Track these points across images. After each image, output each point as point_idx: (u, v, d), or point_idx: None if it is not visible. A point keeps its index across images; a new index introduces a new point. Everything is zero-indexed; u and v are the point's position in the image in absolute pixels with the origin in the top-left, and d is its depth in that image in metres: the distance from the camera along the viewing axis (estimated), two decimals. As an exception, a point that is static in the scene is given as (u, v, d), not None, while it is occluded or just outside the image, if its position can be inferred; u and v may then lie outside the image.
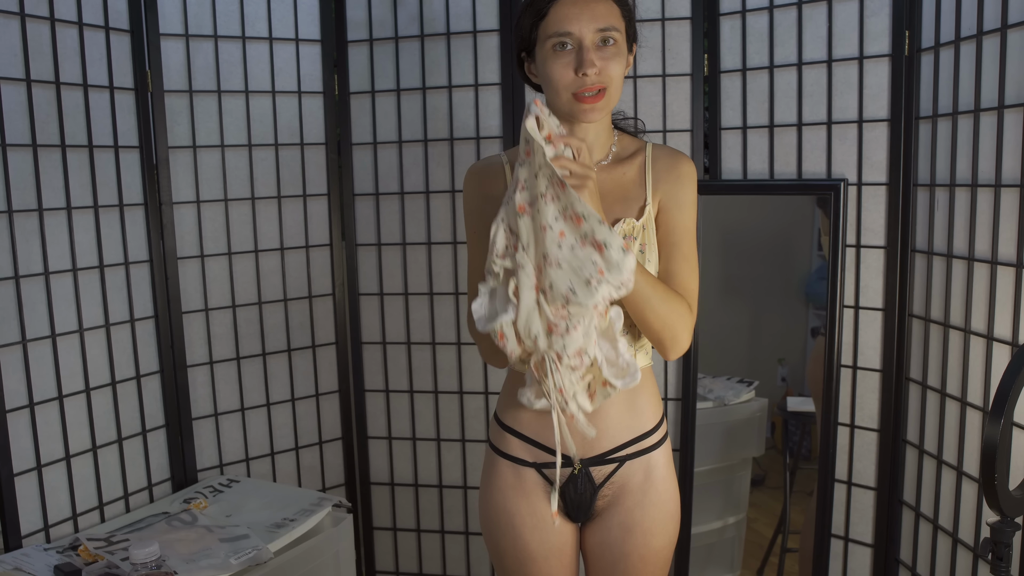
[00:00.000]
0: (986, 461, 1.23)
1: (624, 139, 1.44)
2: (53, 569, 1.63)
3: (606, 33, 1.28)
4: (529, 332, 1.22)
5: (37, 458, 1.78)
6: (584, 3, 1.28)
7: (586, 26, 1.27)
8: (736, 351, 2.27)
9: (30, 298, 1.76)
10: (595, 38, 1.28)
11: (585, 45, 1.27)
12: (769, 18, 1.94)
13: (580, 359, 1.22)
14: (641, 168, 1.39)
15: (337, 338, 2.32)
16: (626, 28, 1.33)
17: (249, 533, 1.78)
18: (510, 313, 1.21)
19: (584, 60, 1.27)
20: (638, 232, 1.35)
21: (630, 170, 1.39)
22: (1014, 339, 1.52)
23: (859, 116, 1.85)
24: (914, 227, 1.82)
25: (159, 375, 2.05)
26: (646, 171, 1.39)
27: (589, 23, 1.27)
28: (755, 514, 2.25)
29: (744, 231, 2.15)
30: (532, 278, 1.21)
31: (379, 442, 2.34)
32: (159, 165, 2.02)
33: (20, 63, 1.72)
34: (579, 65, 1.27)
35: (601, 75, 1.28)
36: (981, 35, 1.57)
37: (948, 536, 1.73)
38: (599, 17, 1.28)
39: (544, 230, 1.19)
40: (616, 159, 1.41)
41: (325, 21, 2.20)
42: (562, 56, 1.29)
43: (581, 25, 1.27)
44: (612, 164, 1.40)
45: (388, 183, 2.24)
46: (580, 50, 1.28)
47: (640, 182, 1.38)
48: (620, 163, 1.40)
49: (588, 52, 1.27)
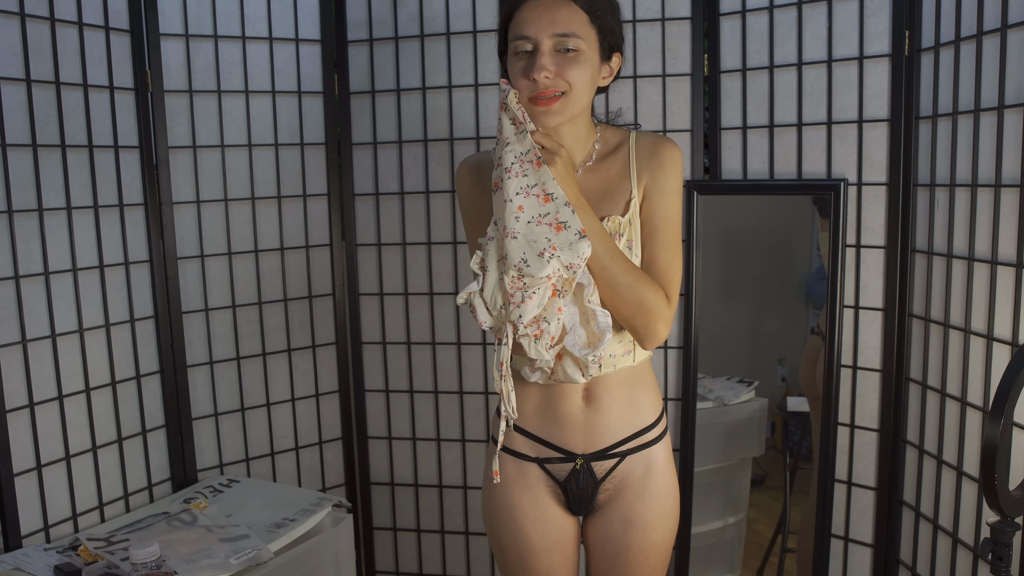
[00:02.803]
0: (986, 461, 1.23)
1: (607, 133, 1.43)
2: (53, 569, 1.63)
3: (565, 39, 1.28)
4: (496, 303, 1.28)
5: (37, 458, 1.78)
6: (545, 7, 1.28)
7: (544, 30, 1.27)
8: (736, 351, 2.27)
9: (30, 298, 1.76)
10: (552, 43, 1.28)
11: (541, 50, 1.28)
12: (769, 18, 1.94)
13: (538, 327, 1.26)
14: (626, 159, 1.39)
15: (337, 338, 2.32)
16: (598, 36, 1.32)
17: (249, 533, 1.78)
18: (475, 284, 1.28)
19: (536, 64, 1.27)
20: (624, 228, 1.36)
21: (615, 164, 1.40)
22: (1014, 339, 1.52)
23: (859, 116, 1.85)
24: (914, 227, 1.82)
25: (159, 375, 2.05)
26: (630, 161, 1.39)
27: (547, 28, 1.27)
28: (755, 514, 2.25)
29: (744, 231, 2.15)
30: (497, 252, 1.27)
31: (379, 442, 2.34)
32: (159, 165, 2.02)
33: (20, 63, 1.72)
34: (528, 68, 1.28)
35: (555, 79, 1.28)
36: (981, 35, 1.57)
37: (948, 536, 1.73)
38: (558, 22, 1.27)
39: (505, 203, 1.25)
40: (600, 156, 1.41)
41: (325, 21, 2.20)
42: (521, 60, 1.30)
43: (539, 29, 1.28)
44: (596, 162, 1.40)
45: (388, 183, 2.24)
46: (534, 53, 1.28)
47: (625, 174, 1.39)
48: (604, 159, 1.40)
49: (541, 56, 1.27)
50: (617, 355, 1.39)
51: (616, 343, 1.39)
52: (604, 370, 1.39)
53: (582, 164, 1.40)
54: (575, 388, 1.40)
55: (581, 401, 1.41)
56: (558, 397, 1.41)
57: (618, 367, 1.40)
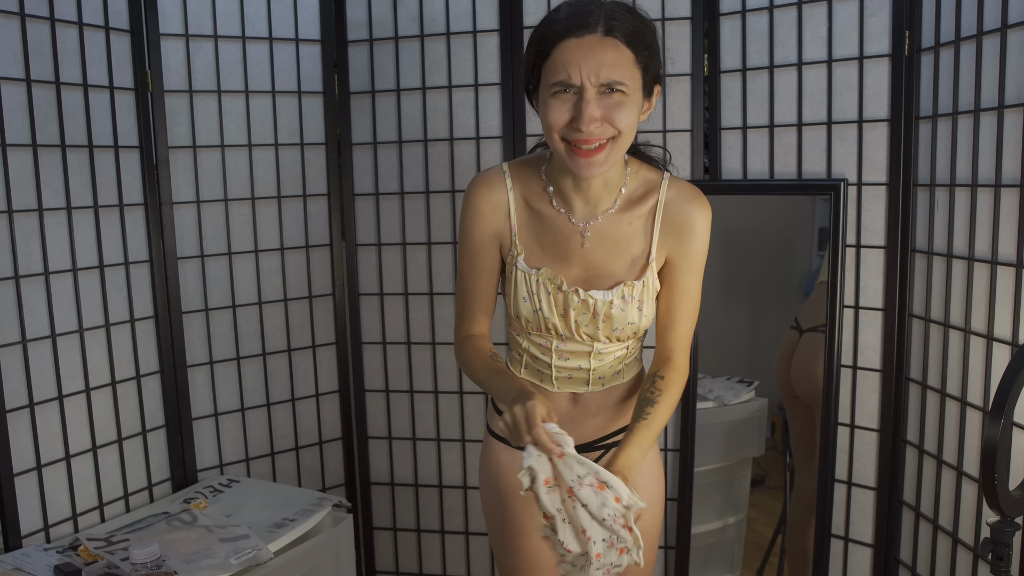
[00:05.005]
0: (986, 461, 1.23)
1: (638, 174, 1.35)
2: (53, 569, 1.63)
3: (612, 85, 1.18)
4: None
5: (37, 458, 1.78)
6: (590, 49, 1.16)
7: (590, 76, 1.16)
8: (736, 351, 2.26)
9: (30, 298, 1.76)
10: (599, 88, 1.18)
11: (587, 96, 1.17)
12: (769, 18, 1.93)
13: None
14: (650, 217, 1.33)
15: (337, 338, 2.32)
16: (642, 75, 1.22)
17: (249, 533, 1.78)
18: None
19: (583, 114, 1.16)
20: (637, 291, 1.33)
21: (637, 219, 1.33)
22: (1014, 339, 1.52)
23: (859, 116, 1.85)
24: (914, 227, 1.82)
25: (159, 375, 2.05)
26: (655, 221, 1.32)
27: (593, 73, 1.16)
28: (755, 514, 2.25)
29: (744, 231, 2.15)
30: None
31: (379, 442, 2.34)
32: (159, 165, 2.02)
33: (20, 63, 1.72)
34: (576, 116, 1.17)
35: (603, 127, 1.19)
36: (981, 35, 1.57)
37: (948, 536, 1.73)
38: (605, 66, 1.16)
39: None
40: (625, 204, 1.33)
41: (325, 21, 2.20)
42: (562, 103, 1.19)
43: (584, 73, 1.16)
44: (619, 211, 1.33)
45: (388, 183, 2.24)
46: (580, 100, 1.17)
47: (646, 232, 1.33)
48: (628, 209, 1.33)
49: (588, 105, 1.16)
50: (607, 377, 1.41)
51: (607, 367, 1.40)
52: (592, 388, 1.41)
53: (604, 211, 1.32)
54: (563, 395, 1.42)
55: (568, 404, 1.43)
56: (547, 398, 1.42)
57: (607, 386, 1.42)
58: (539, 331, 1.37)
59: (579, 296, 1.32)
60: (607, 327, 1.34)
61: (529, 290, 1.34)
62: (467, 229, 1.39)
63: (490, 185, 1.36)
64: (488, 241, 1.37)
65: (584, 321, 1.34)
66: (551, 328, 1.35)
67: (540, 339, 1.39)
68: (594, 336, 1.35)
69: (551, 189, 1.34)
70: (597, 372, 1.40)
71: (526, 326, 1.38)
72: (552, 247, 1.35)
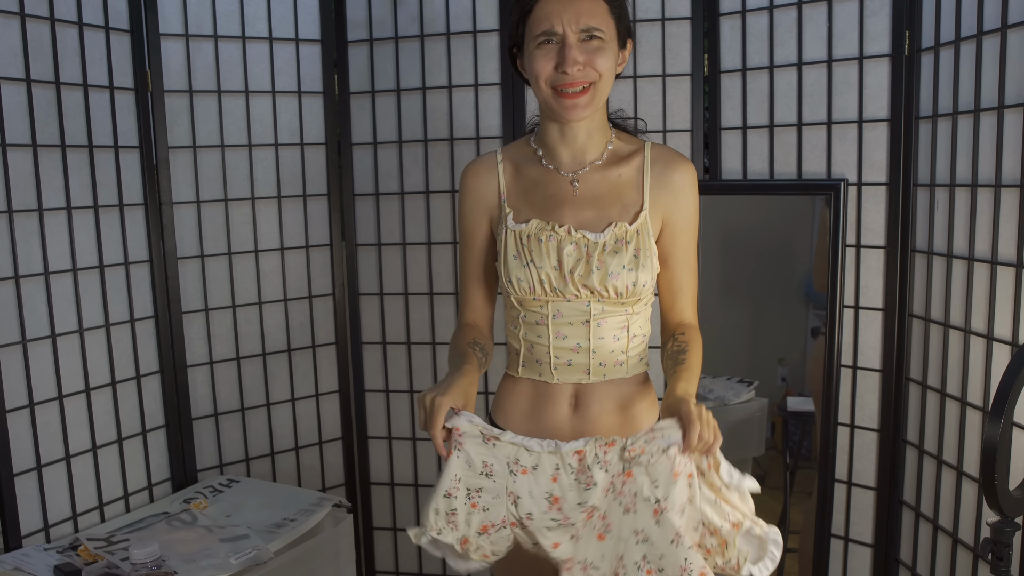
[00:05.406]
0: (986, 461, 1.23)
1: (622, 138, 1.43)
2: (53, 569, 1.63)
3: (591, 31, 1.29)
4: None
5: (37, 458, 1.78)
6: (569, 0, 1.29)
7: (570, 23, 1.28)
8: (736, 351, 2.26)
9: (30, 298, 1.76)
10: (578, 35, 1.28)
11: (568, 42, 1.28)
12: (769, 18, 1.94)
13: None
14: (639, 170, 1.38)
15: (337, 338, 2.32)
16: (616, 25, 1.33)
17: (249, 533, 1.78)
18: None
19: (567, 57, 1.27)
20: (631, 236, 1.34)
21: (626, 171, 1.39)
22: (1014, 339, 1.52)
23: (859, 116, 1.85)
24: (914, 227, 1.82)
25: (159, 375, 2.05)
26: (644, 174, 1.38)
27: (573, 20, 1.28)
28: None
29: (744, 231, 2.15)
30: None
31: (379, 442, 2.34)
32: (159, 165, 2.02)
33: (20, 63, 1.72)
34: (560, 62, 1.28)
35: (586, 70, 1.29)
36: (981, 35, 1.57)
37: (948, 536, 1.73)
38: (583, 14, 1.28)
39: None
40: (611, 159, 1.40)
41: (325, 21, 2.20)
42: (547, 52, 1.30)
43: (564, 21, 1.28)
44: (606, 164, 1.39)
45: (388, 183, 2.24)
46: (563, 46, 1.28)
47: (637, 184, 1.38)
48: (616, 163, 1.39)
49: (571, 49, 1.27)
50: (608, 364, 1.38)
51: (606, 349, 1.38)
52: (593, 379, 1.38)
53: (591, 163, 1.39)
54: (563, 394, 1.40)
55: (569, 408, 1.40)
56: (546, 402, 1.40)
57: (608, 377, 1.39)
58: (532, 292, 1.35)
59: (571, 235, 1.34)
60: (601, 274, 1.32)
61: (519, 245, 1.36)
62: (461, 212, 1.48)
63: (479, 163, 1.47)
64: (479, 219, 1.44)
65: (579, 268, 1.33)
66: (544, 281, 1.34)
67: (535, 311, 1.37)
68: (590, 287, 1.33)
69: (540, 152, 1.42)
70: (598, 356, 1.37)
71: (519, 291, 1.36)
72: (541, 201, 1.39)
